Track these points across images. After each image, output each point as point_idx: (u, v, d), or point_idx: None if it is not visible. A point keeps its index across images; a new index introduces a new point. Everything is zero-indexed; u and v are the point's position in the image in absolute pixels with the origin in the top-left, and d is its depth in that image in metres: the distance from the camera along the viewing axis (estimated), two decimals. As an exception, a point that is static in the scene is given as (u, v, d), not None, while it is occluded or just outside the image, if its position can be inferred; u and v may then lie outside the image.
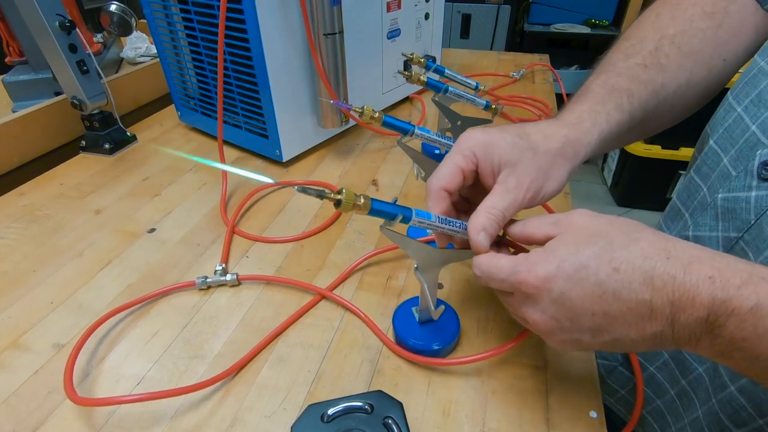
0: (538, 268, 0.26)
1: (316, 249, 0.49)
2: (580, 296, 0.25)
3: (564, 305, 0.25)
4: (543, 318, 0.27)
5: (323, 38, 0.56)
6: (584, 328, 0.26)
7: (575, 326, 0.26)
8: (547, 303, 0.26)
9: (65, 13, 0.59)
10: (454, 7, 2.11)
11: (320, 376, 0.36)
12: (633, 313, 0.24)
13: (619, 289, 0.24)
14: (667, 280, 0.23)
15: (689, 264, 0.23)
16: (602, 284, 0.24)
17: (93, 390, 0.35)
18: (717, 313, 0.22)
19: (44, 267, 0.47)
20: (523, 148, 0.31)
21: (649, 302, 0.24)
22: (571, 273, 0.25)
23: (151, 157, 0.67)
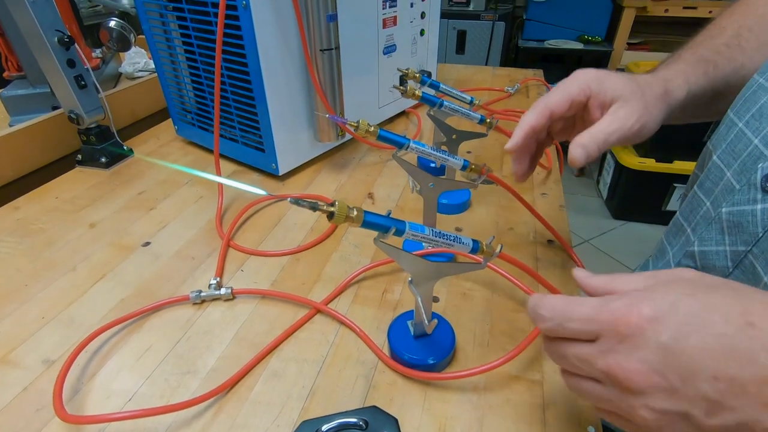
0: (642, 305, 0.20)
1: (311, 262, 0.49)
2: (699, 347, 0.19)
3: (674, 354, 0.19)
4: (642, 369, 0.20)
5: (320, 53, 0.57)
6: (699, 396, 0.19)
7: (687, 390, 0.19)
8: (653, 347, 0.19)
9: (64, 29, 0.60)
10: (450, 23, 2.15)
11: (315, 391, 0.35)
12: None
13: (756, 350, 0.18)
14: None
15: None
16: (732, 338, 0.18)
17: (83, 407, 0.34)
18: None
19: (37, 281, 0.46)
20: (634, 87, 0.34)
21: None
22: (688, 318, 0.19)
23: (147, 171, 0.67)
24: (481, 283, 0.45)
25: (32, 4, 0.56)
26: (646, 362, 0.19)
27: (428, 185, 0.42)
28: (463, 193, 0.57)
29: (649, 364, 0.19)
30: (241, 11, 0.51)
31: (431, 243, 0.31)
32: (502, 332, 0.40)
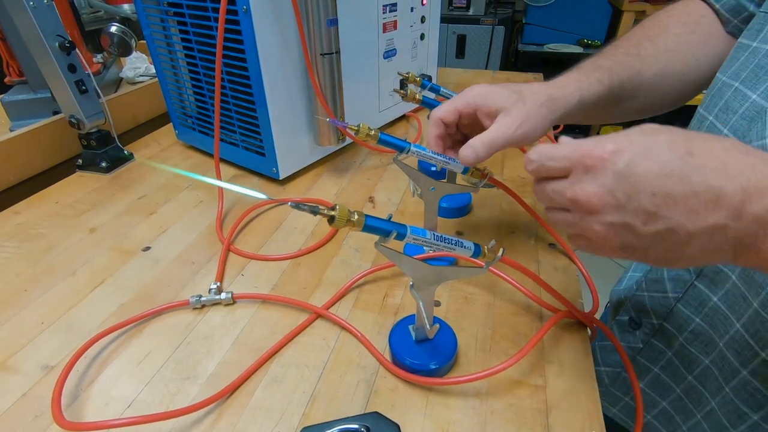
0: (606, 143, 0.24)
1: (312, 266, 0.49)
2: (645, 171, 0.23)
3: (626, 178, 0.24)
4: (599, 192, 0.25)
5: (320, 58, 0.57)
6: (639, 209, 0.24)
7: (631, 205, 0.24)
8: (609, 175, 0.24)
9: (65, 34, 0.60)
10: (450, 28, 2.16)
11: (315, 397, 0.35)
12: (697, 198, 0.23)
13: (689, 171, 0.23)
14: (744, 169, 0.22)
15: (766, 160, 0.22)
16: (672, 163, 0.23)
17: (82, 413, 0.34)
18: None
19: (36, 286, 0.46)
20: (516, 99, 0.38)
21: (718, 188, 0.22)
22: (641, 150, 0.23)
23: (147, 175, 0.67)
24: (483, 287, 0.45)
25: (33, 9, 0.56)
26: (603, 186, 0.24)
27: (429, 189, 0.42)
28: (464, 196, 0.57)
29: (605, 187, 0.24)
30: (242, 16, 0.51)
31: (432, 247, 0.31)
32: (504, 337, 0.40)
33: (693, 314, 0.41)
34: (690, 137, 0.24)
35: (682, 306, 0.42)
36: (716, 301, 0.38)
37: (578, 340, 0.40)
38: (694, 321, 0.41)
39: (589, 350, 0.39)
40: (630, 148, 0.24)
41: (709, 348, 0.40)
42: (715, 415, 0.39)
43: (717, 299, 0.38)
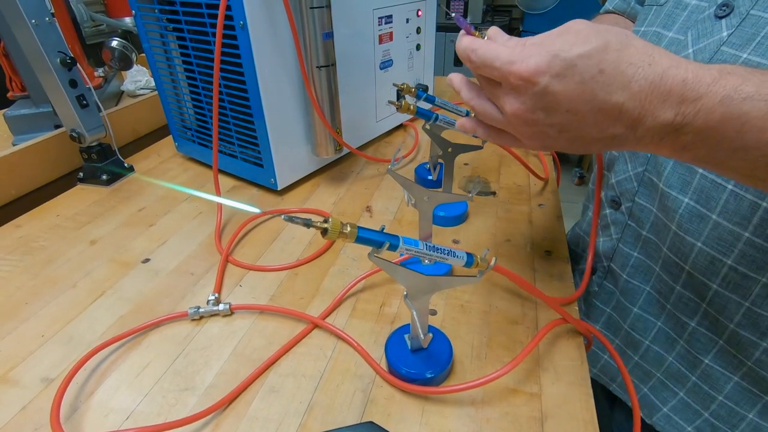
0: (530, 61, 0.26)
1: (309, 277, 0.49)
2: (560, 92, 0.26)
3: (543, 99, 0.26)
4: (520, 109, 0.28)
5: (316, 70, 0.58)
6: (554, 123, 0.28)
7: (547, 120, 0.28)
8: (530, 95, 0.27)
9: (66, 50, 0.61)
10: (447, 36, 2.18)
11: (312, 406, 0.35)
12: (602, 114, 0.26)
13: (597, 91, 0.25)
14: (644, 85, 0.25)
15: (667, 69, 0.25)
16: (584, 84, 0.25)
17: (81, 426, 0.34)
18: (684, 113, 0.25)
19: (37, 299, 0.47)
20: None
21: (621, 105, 0.25)
22: (559, 70, 0.26)
23: (147, 188, 0.67)
24: (479, 296, 0.45)
25: (35, 27, 0.57)
26: (525, 104, 0.27)
27: (423, 198, 0.43)
28: (459, 205, 0.58)
29: (527, 105, 0.27)
30: (239, 30, 0.52)
31: (425, 257, 0.31)
32: (500, 345, 0.40)
33: (631, 250, 0.47)
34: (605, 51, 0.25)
35: (622, 245, 0.48)
36: (645, 233, 0.45)
37: (573, 347, 0.40)
38: (633, 256, 0.47)
39: (584, 357, 0.39)
40: (549, 70, 0.26)
41: (647, 276, 0.46)
42: (663, 333, 0.46)
43: (646, 232, 0.45)
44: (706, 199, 0.37)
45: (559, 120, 0.27)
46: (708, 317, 0.41)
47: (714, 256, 0.38)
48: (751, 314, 0.38)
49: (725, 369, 0.41)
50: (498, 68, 0.28)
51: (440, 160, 0.56)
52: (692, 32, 0.38)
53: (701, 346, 0.42)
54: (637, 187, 0.45)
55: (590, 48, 0.25)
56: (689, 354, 0.44)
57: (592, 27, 0.27)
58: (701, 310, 0.41)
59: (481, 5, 2.14)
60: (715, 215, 0.37)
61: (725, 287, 0.38)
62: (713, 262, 0.38)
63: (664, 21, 0.42)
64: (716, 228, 0.37)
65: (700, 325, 0.42)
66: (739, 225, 0.36)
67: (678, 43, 0.40)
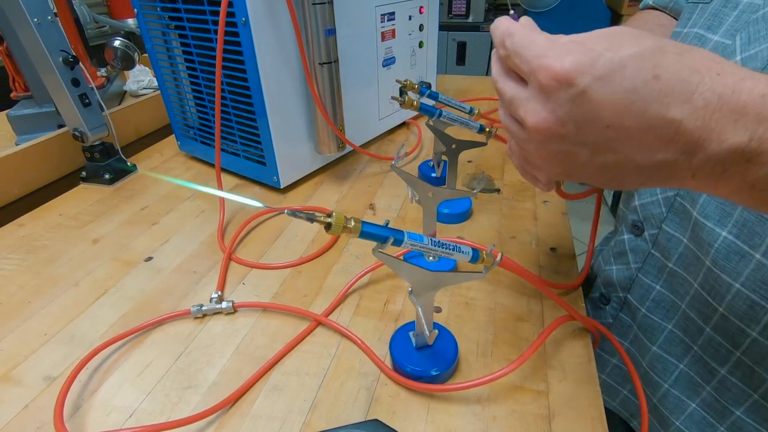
0: (568, 57, 0.21)
1: (313, 274, 0.49)
2: (603, 100, 0.20)
3: (581, 107, 0.21)
4: (546, 119, 0.22)
5: (319, 67, 0.57)
6: (587, 142, 0.22)
7: (578, 136, 0.22)
8: (563, 100, 0.21)
9: (69, 49, 0.61)
10: (450, 35, 2.17)
11: (316, 405, 0.35)
12: (653, 133, 0.20)
13: (650, 101, 0.20)
14: (711, 98, 0.19)
15: (742, 80, 0.19)
16: (635, 92, 0.20)
17: (83, 424, 0.34)
18: (762, 137, 0.19)
19: (39, 298, 0.46)
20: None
21: (678, 122, 0.20)
22: (604, 72, 0.20)
23: (150, 186, 0.67)
24: (484, 293, 0.45)
25: (38, 26, 0.57)
26: (554, 113, 0.22)
27: (427, 195, 0.42)
28: (464, 202, 0.57)
29: (556, 115, 0.22)
30: (241, 28, 0.52)
31: (430, 252, 0.31)
32: (506, 342, 0.40)
33: (653, 282, 0.42)
34: (662, 51, 0.20)
35: (642, 276, 0.43)
36: (672, 266, 0.40)
37: (580, 344, 0.39)
38: (655, 289, 0.42)
39: (591, 355, 0.38)
40: (591, 71, 0.20)
41: (671, 313, 0.41)
42: (686, 377, 0.41)
43: (672, 264, 0.40)
44: (749, 234, 0.32)
45: (594, 138, 0.21)
46: (742, 367, 0.36)
47: (755, 301, 0.33)
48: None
49: (761, 425, 0.36)
50: (529, 60, 0.22)
51: (444, 157, 0.55)
52: (742, 36, 0.33)
53: (732, 396, 0.37)
54: (665, 213, 0.40)
55: (644, 47, 0.20)
56: (717, 403, 0.39)
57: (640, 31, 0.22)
58: (734, 358, 0.36)
59: (483, 3, 2.13)
60: (759, 254, 0.32)
61: (766, 337, 0.34)
62: (753, 308, 0.33)
63: (709, 21, 0.36)
64: (760, 269, 0.32)
65: (732, 374, 0.37)
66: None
67: (724, 48, 0.34)
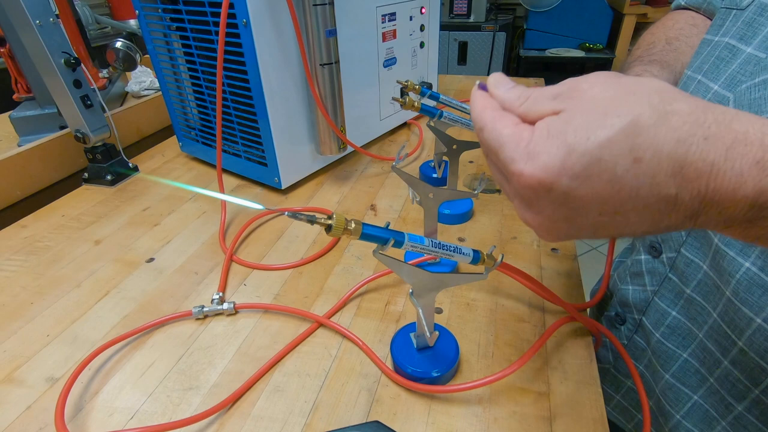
0: (538, 160, 0.20)
1: (314, 275, 0.49)
2: (587, 196, 0.20)
3: (566, 205, 0.20)
4: (536, 220, 0.22)
5: (320, 68, 0.57)
6: (585, 226, 0.22)
7: (574, 226, 0.22)
8: (545, 204, 0.21)
9: (71, 51, 0.61)
10: (451, 35, 2.17)
11: (317, 406, 0.35)
12: (650, 210, 0.20)
13: (638, 186, 0.19)
14: (703, 169, 0.18)
15: (732, 145, 0.18)
16: (619, 181, 0.19)
17: (85, 425, 0.34)
18: (764, 205, 0.18)
19: (42, 299, 0.47)
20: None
21: (674, 197, 0.19)
22: (579, 171, 0.19)
23: (151, 187, 0.67)
24: (485, 293, 0.45)
25: (39, 27, 0.57)
26: (541, 213, 0.22)
27: (428, 196, 0.42)
28: (465, 202, 0.57)
29: (543, 214, 0.22)
30: (242, 29, 0.52)
31: (431, 254, 0.31)
32: (507, 343, 0.40)
33: (669, 307, 0.40)
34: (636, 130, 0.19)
35: (658, 299, 0.41)
36: (690, 292, 0.38)
37: (582, 345, 0.39)
38: (671, 314, 0.40)
39: (593, 356, 0.38)
40: (565, 172, 0.19)
41: (687, 341, 0.39)
42: (700, 410, 0.39)
43: (690, 291, 0.38)
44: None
45: (591, 222, 0.21)
46: (760, 406, 0.34)
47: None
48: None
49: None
50: (502, 162, 0.22)
51: (445, 157, 0.55)
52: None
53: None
54: (685, 237, 0.38)
55: (615, 131, 0.19)
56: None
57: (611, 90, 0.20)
58: (753, 395, 0.34)
59: (484, 3, 2.13)
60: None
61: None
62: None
63: (742, 31, 0.34)
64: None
65: (750, 411, 0.35)
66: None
67: (756, 62, 0.32)
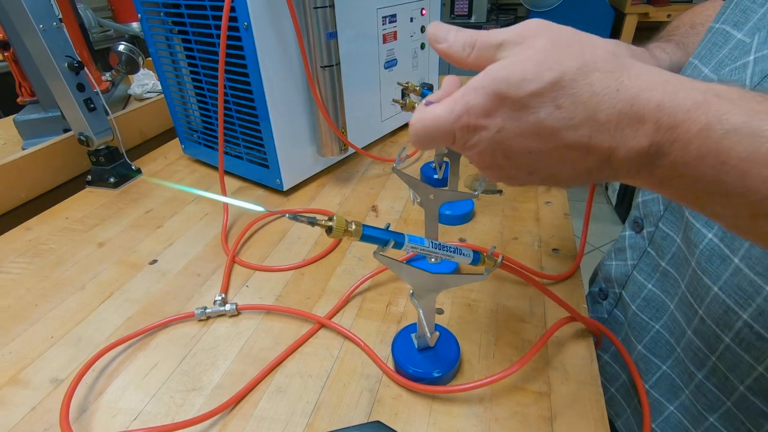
0: (476, 102, 0.23)
1: (316, 277, 0.49)
2: (516, 134, 0.23)
3: (501, 143, 0.24)
4: (480, 157, 0.25)
5: (321, 70, 0.58)
6: (520, 165, 0.25)
7: (511, 164, 0.25)
8: (485, 142, 0.24)
9: (74, 54, 0.61)
10: (452, 36, 2.17)
11: (319, 406, 0.35)
12: (569, 151, 0.23)
13: (558, 128, 0.22)
14: (611, 114, 0.21)
15: (638, 95, 0.21)
16: (542, 122, 0.22)
17: (90, 426, 0.34)
18: (660, 142, 0.21)
19: (46, 301, 0.47)
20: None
21: (587, 140, 0.22)
22: (510, 112, 0.23)
23: (154, 190, 0.68)
24: (486, 294, 0.45)
25: (43, 32, 0.58)
26: (483, 152, 0.25)
27: (429, 197, 0.42)
28: (466, 203, 0.57)
29: (485, 152, 0.25)
30: (243, 32, 0.52)
31: (431, 255, 0.31)
32: (508, 343, 0.40)
33: (646, 280, 0.43)
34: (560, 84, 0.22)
35: (637, 273, 0.44)
36: (665, 265, 0.40)
37: (583, 345, 0.39)
38: (647, 287, 0.43)
39: (594, 356, 0.38)
40: (499, 109, 0.23)
41: (659, 312, 0.42)
42: (668, 379, 0.41)
43: (665, 263, 0.40)
44: (731, 238, 0.33)
45: (524, 161, 0.24)
46: (717, 373, 0.36)
47: (729, 306, 0.33)
48: (764, 381, 0.33)
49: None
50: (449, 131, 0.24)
51: (446, 158, 0.55)
52: (760, 35, 0.32)
53: (707, 402, 0.38)
54: (662, 212, 0.41)
55: (542, 84, 0.22)
56: (693, 407, 0.39)
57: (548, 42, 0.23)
58: (710, 363, 0.36)
59: (485, 3, 2.13)
60: (737, 259, 0.32)
61: (738, 344, 0.34)
62: (728, 313, 0.34)
63: (737, 17, 0.36)
64: (736, 274, 0.32)
65: (708, 379, 0.37)
66: (761, 276, 0.31)
67: (743, 47, 0.34)
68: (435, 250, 0.31)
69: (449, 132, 0.24)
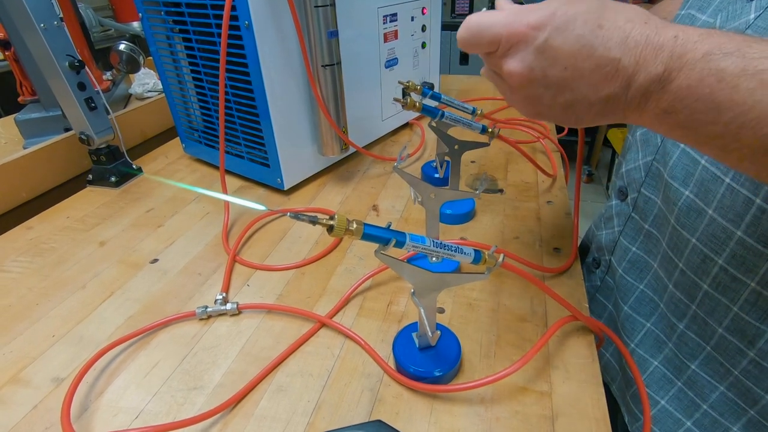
0: (530, 14, 0.27)
1: (316, 276, 0.49)
2: (560, 46, 0.26)
3: (544, 53, 0.26)
4: (519, 66, 0.28)
5: (321, 69, 0.58)
6: (551, 83, 0.27)
7: (545, 78, 0.27)
8: (530, 50, 0.27)
9: (75, 53, 0.61)
10: (453, 35, 2.17)
11: (320, 405, 0.35)
12: (599, 71, 0.26)
13: (596, 45, 0.25)
14: (640, 40, 0.25)
15: (663, 26, 0.25)
16: (583, 38, 0.25)
17: (91, 425, 0.35)
18: (671, 67, 0.24)
19: (47, 300, 0.47)
20: None
21: (617, 61, 0.25)
22: (559, 24, 0.26)
23: (155, 189, 0.68)
24: (487, 293, 0.45)
25: (44, 31, 0.58)
26: (524, 61, 0.27)
27: (430, 196, 0.42)
28: (467, 202, 0.57)
29: (525, 63, 0.27)
30: (244, 31, 0.52)
31: (432, 254, 0.31)
32: (509, 343, 0.40)
33: (631, 244, 0.46)
34: (604, 9, 0.26)
35: (623, 238, 0.47)
36: (648, 227, 0.44)
37: (584, 345, 0.39)
38: (632, 250, 0.46)
39: (595, 355, 0.38)
40: (550, 22, 0.26)
41: (643, 273, 0.45)
42: (651, 336, 0.44)
43: (648, 225, 0.44)
44: (704, 192, 0.36)
45: (556, 78, 0.27)
46: (697, 320, 0.39)
47: (706, 254, 0.36)
48: (739, 320, 0.36)
49: (712, 377, 0.39)
50: (495, 33, 0.27)
51: (447, 157, 0.55)
52: (722, 15, 0.37)
53: (689, 350, 0.40)
54: (644, 177, 0.44)
55: (589, 6, 0.26)
56: (676, 358, 0.41)
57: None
58: (691, 311, 0.39)
59: (486, 3, 2.13)
60: (711, 210, 0.35)
61: (715, 288, 0.36)
62: (705, 261, 0.37)
63: (699, 3, 0.40)
64: (711, 224, 0.36)
65: (689, 328, 0.40)
66: (732, 222, 0.34)
67: (708, 26, 0.37)
68: (436, 249, 0.31)
69: (496, 36, 0.27)
